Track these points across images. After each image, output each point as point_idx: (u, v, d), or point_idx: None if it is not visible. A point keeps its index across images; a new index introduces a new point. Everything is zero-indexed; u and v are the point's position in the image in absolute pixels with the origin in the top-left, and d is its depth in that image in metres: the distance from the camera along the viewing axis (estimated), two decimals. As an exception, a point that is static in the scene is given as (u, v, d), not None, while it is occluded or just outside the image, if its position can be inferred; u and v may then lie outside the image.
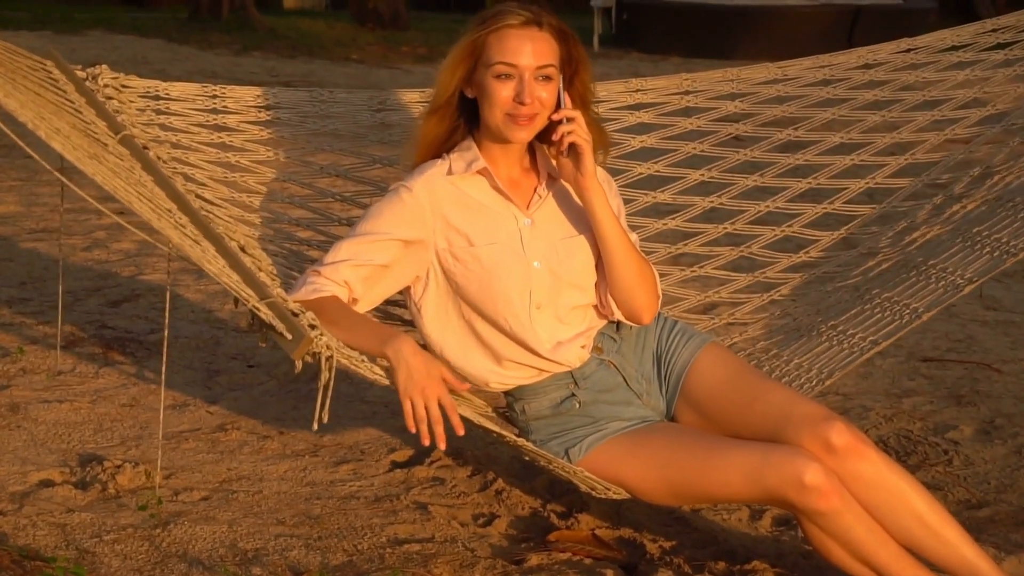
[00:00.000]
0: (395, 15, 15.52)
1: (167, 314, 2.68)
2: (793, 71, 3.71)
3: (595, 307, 2.88)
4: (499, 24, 2.71)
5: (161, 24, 14.72)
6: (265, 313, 2.48)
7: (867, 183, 3.61)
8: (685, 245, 3.52)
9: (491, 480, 3.36)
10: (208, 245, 2.67)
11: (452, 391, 2.64)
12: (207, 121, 3.21)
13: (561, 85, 2.74)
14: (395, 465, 3.51)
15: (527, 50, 2.69)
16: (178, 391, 3.99)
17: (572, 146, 2.74)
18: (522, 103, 2.70)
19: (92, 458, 3.41)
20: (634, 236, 2.94)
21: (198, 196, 3.04)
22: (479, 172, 2.80)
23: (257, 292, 2.54)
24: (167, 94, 3.20)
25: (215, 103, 3.24)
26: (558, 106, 2.74)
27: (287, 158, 3.30)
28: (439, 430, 2.57)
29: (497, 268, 2.77)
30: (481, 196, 2.81)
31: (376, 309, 2.98)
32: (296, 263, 3.08)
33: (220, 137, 3.22)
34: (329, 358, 2.49)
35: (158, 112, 3.17)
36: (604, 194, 2.80)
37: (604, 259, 2.82)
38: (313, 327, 2.53)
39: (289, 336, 2.47)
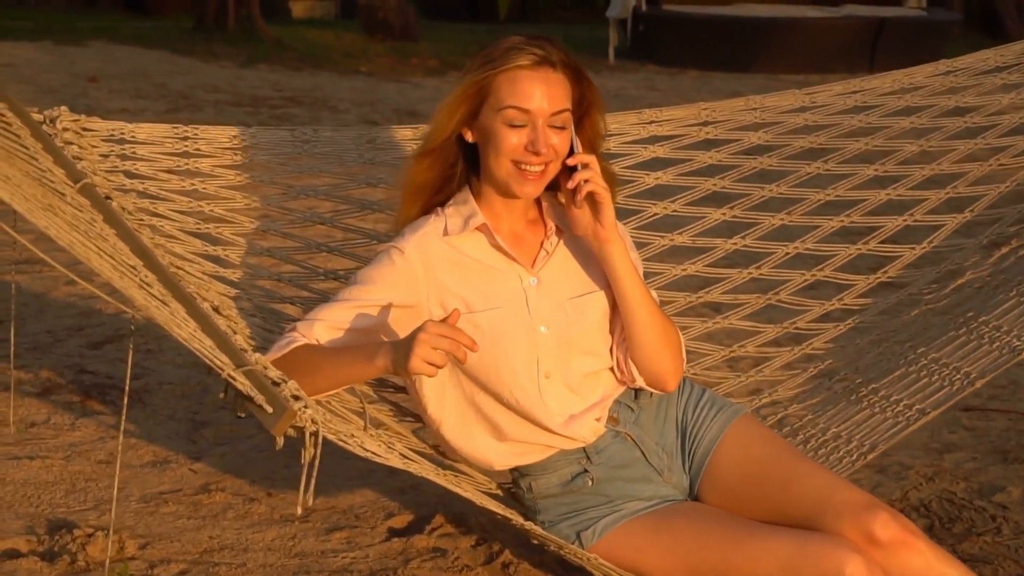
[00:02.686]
0: (406, 25, 15.22)
1: (127, 381, 2.37)
2: (822, 98, 3.40)
3: (610, 372, 2.59)
4: (509, 64, 2.42)
5: (165, 34, 14.44)
6: (242, 383, 2.19)
7: (905, 220, 3.30)
8: (707, 293, 3.21)
9: (497, 552, 3.06)
10: (177, 306, 2.38)
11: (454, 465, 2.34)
12: (177, 166, 2.92)
13: (572, 129, 2.45)
14: (392, 533, 3.22)
15: (541, 94, 2.42)
16: (160, 445, 3.71)
17: (590, 195, 2.45)
18: (536, 152, 2.42)
19: (62, 524, 3.15)
20: (654, 293, 2.65)
21: (167, 251, 2.75)
22: (478, 228, 2.51)
23: (233, 359, 2.25)
24: (133, 137, 2.91)
25: (186, 146, 2.94)
26: (570, 152, 2.45)
27: (267, 205, 3.00)
28: (460, 351, 2.29)
29: (500, 335, 2.48)
30: (481, 255, 2.52)
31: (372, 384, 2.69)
32: (277, 323, 2.79)
33: (192, 184, 2.92)
34: (314, 433, 2.20)
35: (123, 157, 2.88)
36: (625, 248, 2.51)
37: (625, 320, 2.53)
38: (297, 398, 2.23)
39: (269, 409, 2.18)
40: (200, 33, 14.35)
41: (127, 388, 2.34)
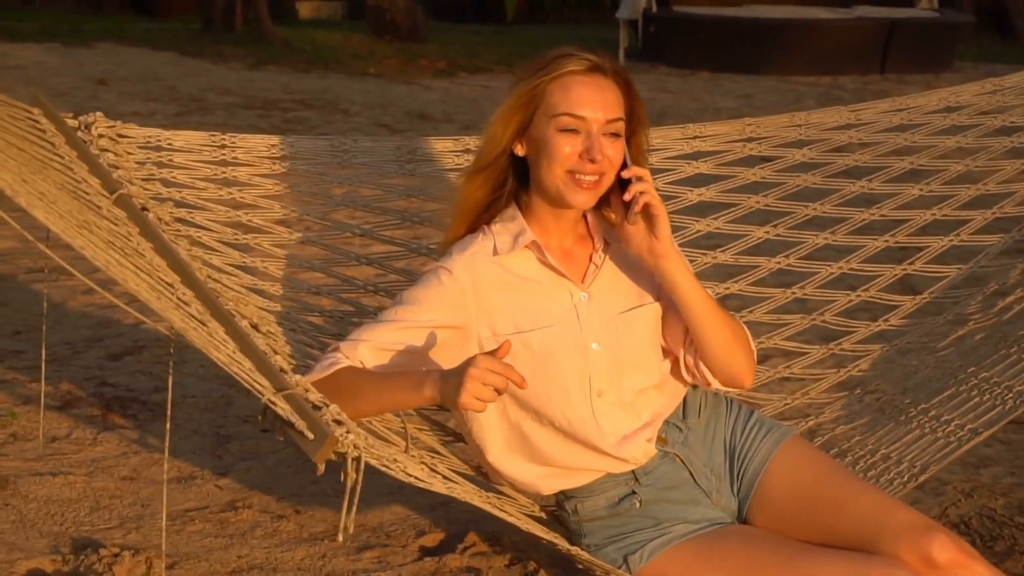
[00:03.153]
0: (413, 27, 15.15)
1: (167, 404, 2.30)
2: (867, 115, 3.34)
3: (658, 389, 2.52)
4: (562, 70, 2.36)
5: (173, 36, 14.36)
6: (282, 408, 2.12)
7: (951, 240, 3.23)
8: (750, 312, 3.14)
9: (532, 571, 2.98)
10: (216, 326, 2.31)
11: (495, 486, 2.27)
12: (215, 175, 2.85)
13: (624, 142, 2.38)
14: (424, 552, 3.14)
15: (596, 101, 2.35)
16: (184, 460, 3.63)
17: (645, 209, 2.39)
18: (592, 160, 2.35)
19: (87, 543, 3.06)
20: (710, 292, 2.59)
21: (205, 263, 2.68)
22: (527, 246, 2.45)
23: (273, 382, 2.18)
24: (169, 144, 2.84)
25: (224, 154, 2.87)
26: (623, 165, 2.38)
27: (306, 216, 2.93)
28: (510, 380, 2.21)
29: (551, 354, 2.41)
30: (530, 273, 2.45)
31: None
32: (317, 339, 2.71)
33: (230, 193, 2.85)
34: (357, 459, 2.13)
35: (160, 165, 2.81)
36: (683, 260, 2.45)
37: (693, 329, 2.46)
38: (339, 423, 2.17)
39: (310, 435, 2.11)
40: (208, 35, 14.27)
41: (168, 407, 2.27)
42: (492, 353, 2.23)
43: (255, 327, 2.50)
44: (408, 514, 3.35)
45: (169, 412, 2.27)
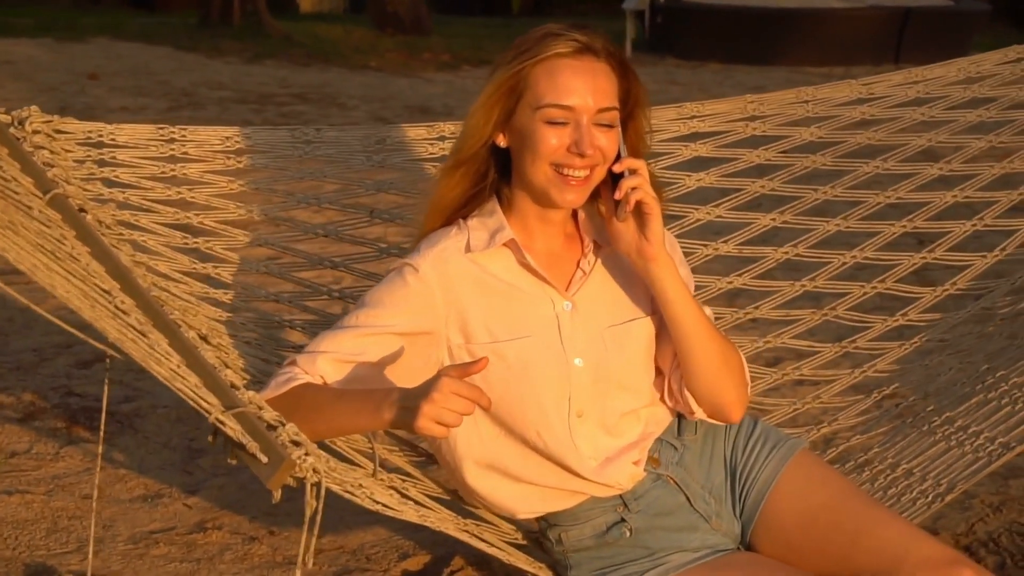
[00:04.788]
0: (416, 19, 14.87)
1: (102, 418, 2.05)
2: (880, 88, 3.06)
3: (651, 408, 2.26)
4: (547, 53, 2.08)
5: (170, 30, 14.10)
6: (232, 428, 1.86)
7: (974, 225, 2.96)
8: (756, 308, 2.87)
9: (523, 598, 2.74)
10: (158, 337, 2.05)
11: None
12: (163, 173, 2.59)
13: (620, 131, 2.11)
14: (407, 576, 2.91)
15: (585, 87, 2.08)
16: (151, 477, 3.39)
17: (637, 207, 2.12)
18: (581, 154, 2.08)
19: (40, 570, 2.85)
20: (708, 311, 2.31)
21: (150, 269, 2.42)
22: (506, 244, 2.18)
23: (222, 399, 1.92)
24: (112, 140, 2.57)
25: (173, 149, 2.61)
26: (617, 157, 2.12)
27: (264, 216, 2.66)
28: (468, 407, 1.94)
29: (528, 368, 2.15)
30: (508, 275, 2.18)
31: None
32: (275, 352, 2.45)
33: (180, 193, 2.59)
34: (316, 484, 1.87)
35: (101, 163, 2.54)
36: (675, 267, 2.17)
37: (679, 349, 2.19)
38: (297, 443, 1.91)
39: (264, 458, 1.85)
40: (206, 29, 14.02)
41: (102, 428, 2.01)
42: (465, 367, 1.97)
43: (204, 338, 2.24)
44: (390, 535, 3.11)
45: (103, 434, 2.03)
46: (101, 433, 2.37)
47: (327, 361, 2.13)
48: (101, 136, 2.57)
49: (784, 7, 13.56)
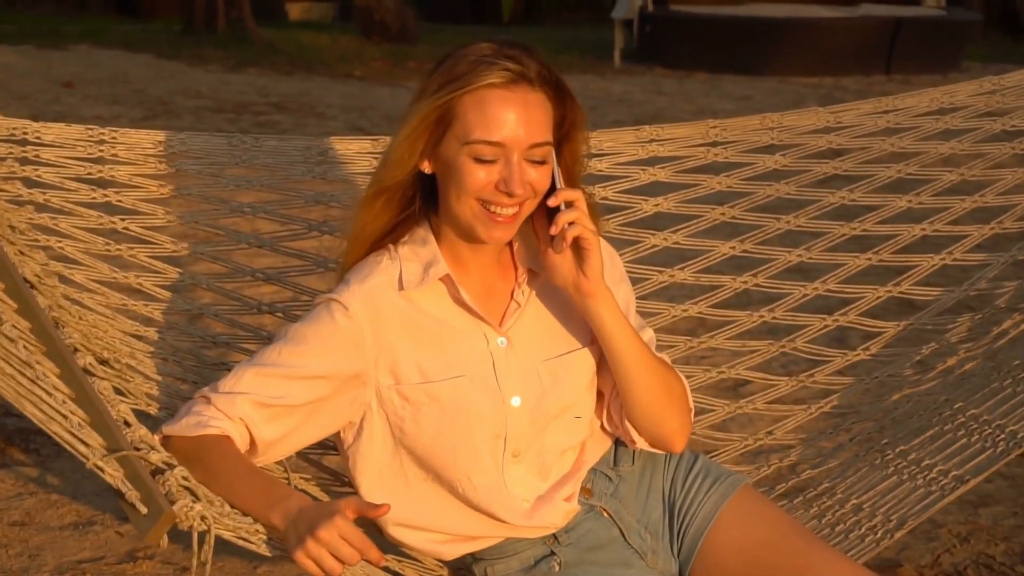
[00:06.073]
0: (403, 28, 14.76)
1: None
2: (848, 118, 2.95)
3: (587, 441, 2.14)
4: (478, 83, 1.93)
5: (153, 37, 13.96)
6: (111, 474, 1.73)
7: (943, 259, 2.85)
8: (711, 338, 2.75)
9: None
10: (48, 367, 1.89)
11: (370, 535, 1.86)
12: (89, 174, 2.45)
13: (555, 160, 1.99)
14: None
15: (516, 121, 1.93)
16: (84, 503, 3.25)
17: (576, 240, 1.99)
18: (510, 193, 1.94)
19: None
20: (649, 332, 2.19)
21: (63, 279, 2.29)
22: (440, 279, 2.05)
23: (105, 440, 1.78)
24: (38, 138, 2.44)
25: (101, 151, 2.48)
26: (552, 188, 1.99)
27: (194, 223, 2.53)
28: (353, 557, 1.76)
29: (462, 409, 2.02)
30: (440, 313, 2.05)
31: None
32: (197, 371, 2.32)
33: (105, 195, 2.45)
34: (204, 533, 1.74)
35: (23, 162, 2.41)
36: (614, 301, 2.04)
37: (619, 382, 2.07)
38: (186, 488, 1.78)
39: (143, 508, 1.72)
40: (189, 36, 13.88)
41: None
42: (368, 508, 1.81)
43: (104, 362, 2.09)
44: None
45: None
46: None
47: (247, 403, 1.98)
48: (26, 133, 2.44)
49: (774, 16, 13.48)
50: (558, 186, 1.99)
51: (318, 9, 19.17)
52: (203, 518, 1.72)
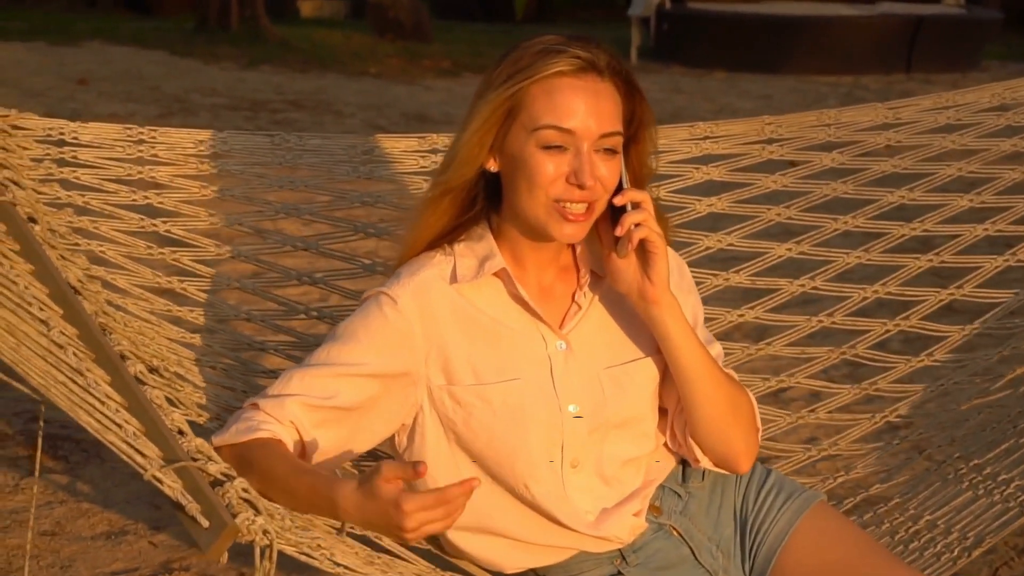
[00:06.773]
0: (417, 25, 14.65)
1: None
2: (907, 114, 2.86)
3: (651, 455, 2.05)
4: (546, 71, 1.86)
5: (165, 35, 13.88)
6: (170, 486, 1.65)
7: (1007, 260, 2.75)
8: (768, 345, 2.65)
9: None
10: (98, 375, 1.82)
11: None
12: (129, 175, 2.37)
13: (622, 158, 1.91)
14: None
15: (586, 109, 1.87)
16: (116, 511, 3.17)
17: (641, 244, 1.90)
18: (581, 185, 1.86)
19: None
20: (717, 347, 2.11)
21: (106, 284, 2.20)
22: (496, 274, 1.96)
23: (163, 451, 1.70)
24: (75, 138, 2.35)
25: (141, 151, 2.40)
26: (619, 187, 1.91)
27: (238, 226, 2.45)
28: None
29: (516, 414, 1.93)
30: (496, 311, 1.96)
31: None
32: (245, 379, 2.23)
33: (146, 197, 2.37)
34: (266, 548, 1.66)
35: (61, 163, 2.33)
36: (680, 310, 1.96)
37: (683, 396, 1.99)
38: (247, 501, 1.69)
39: (205, 522, 1.64)
40: (203, 34, 13.78)
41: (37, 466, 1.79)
42: (405, 470, 1.74)
43: (154, 371, 2.01)
44: None
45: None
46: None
47: (298, 406, 1.90)
48: (63, 134, 2.35)
49: (792, 14, 13.39)
50: (625, 185, 1.91)
51: (330, 7, 19.07)
52: (265, 532, 1.65)
